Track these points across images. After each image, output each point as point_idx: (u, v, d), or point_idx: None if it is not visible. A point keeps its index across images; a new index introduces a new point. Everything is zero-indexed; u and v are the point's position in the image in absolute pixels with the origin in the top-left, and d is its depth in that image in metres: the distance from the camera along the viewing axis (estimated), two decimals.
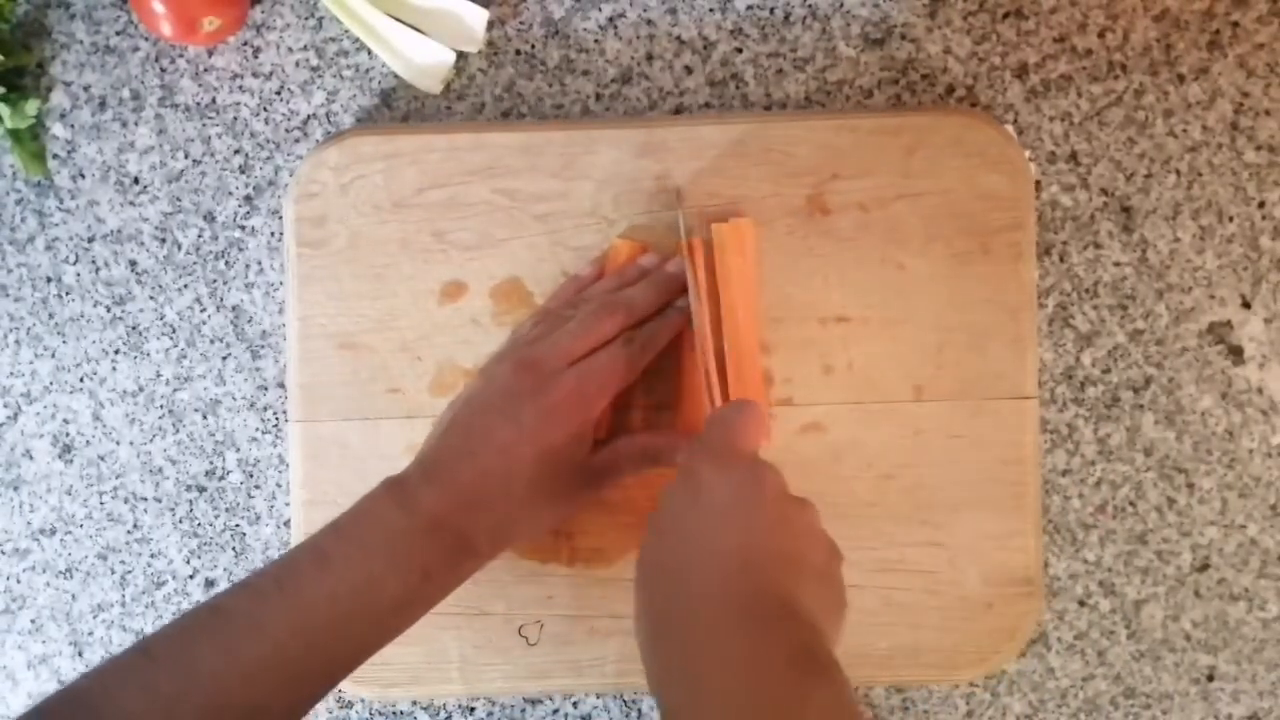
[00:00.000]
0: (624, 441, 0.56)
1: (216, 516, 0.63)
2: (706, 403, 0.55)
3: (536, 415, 0.52)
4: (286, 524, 0.62)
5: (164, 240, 0.62)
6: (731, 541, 0.45)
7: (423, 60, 0.60)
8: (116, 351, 0.63)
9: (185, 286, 0.62)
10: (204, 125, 0.62)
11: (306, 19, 0.62)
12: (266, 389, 0.62)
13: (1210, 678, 0.63)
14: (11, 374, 0.63)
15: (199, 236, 0.62)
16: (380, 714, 0.63)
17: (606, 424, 0.57)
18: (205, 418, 0.63)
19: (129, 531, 0.63)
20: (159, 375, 0.63)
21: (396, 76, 0.62)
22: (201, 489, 0.63)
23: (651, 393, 0.59)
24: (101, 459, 0.63)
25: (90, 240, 0.62)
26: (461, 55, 0.62)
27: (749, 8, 0.62)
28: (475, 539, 0.51)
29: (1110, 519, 0.62)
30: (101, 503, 0.63)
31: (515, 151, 0.60)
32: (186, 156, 0.62)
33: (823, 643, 0.43)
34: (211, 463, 0.63)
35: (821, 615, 0.45)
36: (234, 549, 0.63)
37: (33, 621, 0.63)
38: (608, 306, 0.56)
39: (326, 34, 0.62)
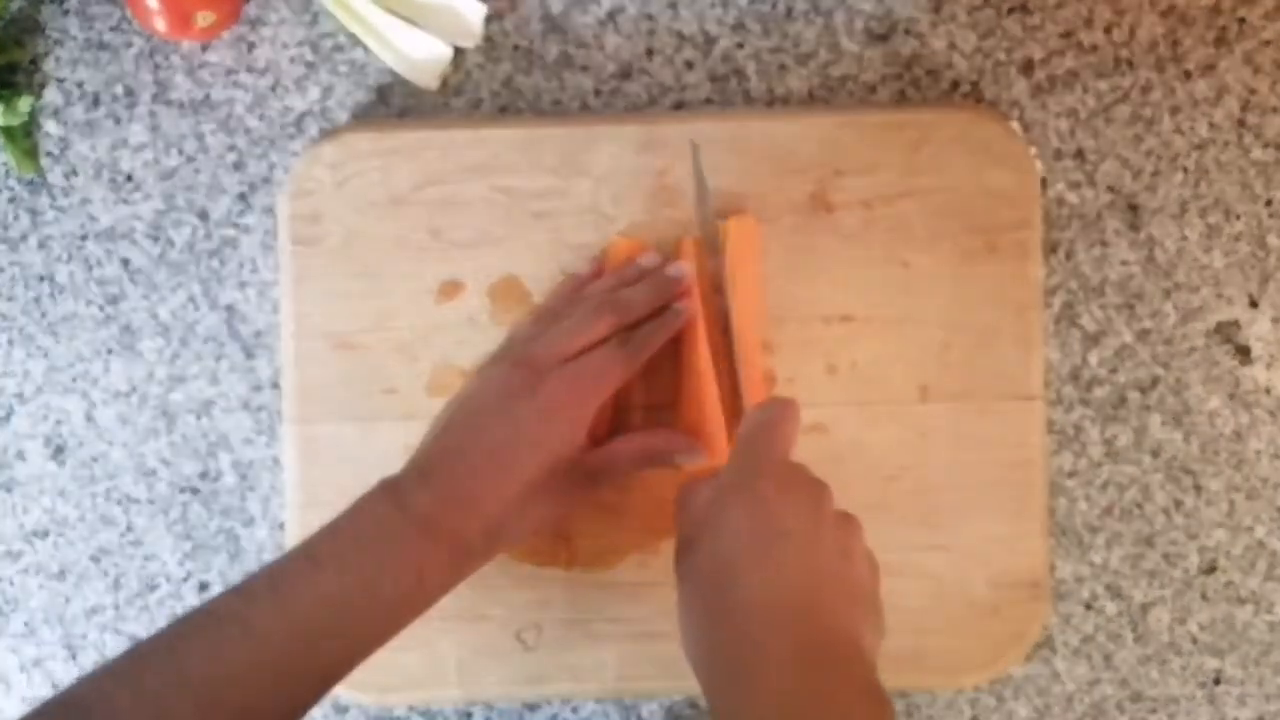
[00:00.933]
0: (622, 441, 0.56)
1: (210, 519, 0.62)
2: (746, 397, 0.54)
3: (531, 414, 0.51)
4: (281, 527, 0.62)
5: (157, 238, 0.62)
6: (800, 578, 0.45)
7: (419, 55, 0.60)
8: (109, 351, 0.62)
9: (178, 285, 0.62)
10: (198, 122, 0.62)
11: (301, 14, 0.61)
12: (261, 389, 0.62)
13: (1217, 681, 0.62)
14: (4, 374, 0.62)
15: (192, 234, 0.62)
16: None
17: (605, 424, 0.56)
18: (199, 419, 0.62)
19: (122, 534, 0.62)
20: (152, 376, 0.62)
21: (393, 72, 0.61)
22: (195, 491, 0.62)
23: (651, 392, 0.58)
24: (94, 460, 0.62)
25: (83, 238, 0.62)
26: (459, 50, 0.61)
27: (751, 2, 0.61)
28: (471, 539, 0.50)
29: (1117, 521, 0.62)
30: (94, 505, 0.62)
31: (513, 148, 0.59)
32: (180, 153, 0.62)
33: (876, 674, 0.44)
34: (205, 465, 0.62)
35: (873, 641, 0.46)
36: (228, 552, 0.62)
37: (26, 624, 0.62)
38: (604, 306, 0.55)
39: (322, 29, 0.61)
